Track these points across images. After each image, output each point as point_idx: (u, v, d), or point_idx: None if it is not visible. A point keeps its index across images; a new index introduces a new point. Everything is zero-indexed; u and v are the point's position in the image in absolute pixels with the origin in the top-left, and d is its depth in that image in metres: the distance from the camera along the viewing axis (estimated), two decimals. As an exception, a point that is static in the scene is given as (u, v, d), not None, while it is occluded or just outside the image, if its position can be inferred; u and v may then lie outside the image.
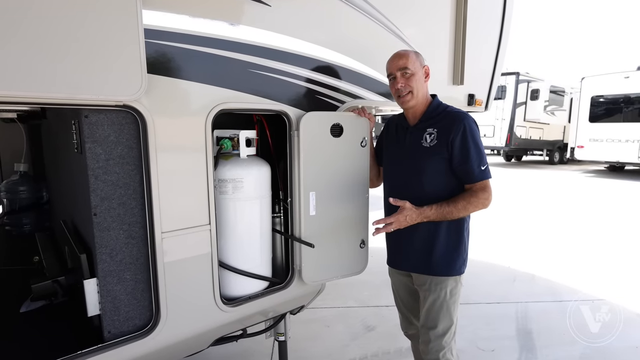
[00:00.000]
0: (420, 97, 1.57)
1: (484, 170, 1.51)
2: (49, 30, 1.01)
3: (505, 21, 2.59)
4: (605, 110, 11.19)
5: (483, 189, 1.51)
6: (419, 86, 1.56)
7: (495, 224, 5.87)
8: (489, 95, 2.66)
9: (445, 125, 1.53)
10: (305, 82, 1.66)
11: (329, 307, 3.08)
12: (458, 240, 1.59)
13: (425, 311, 1.61)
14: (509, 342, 2.66)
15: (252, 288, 1.67)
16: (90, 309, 1.31)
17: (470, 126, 1.51)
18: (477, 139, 1.52)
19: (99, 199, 1.24)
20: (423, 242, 1.59)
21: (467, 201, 1.50)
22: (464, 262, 1.62)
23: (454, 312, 1.59)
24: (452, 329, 1.59)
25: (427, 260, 1.59)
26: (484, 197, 1.51)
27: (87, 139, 1.20)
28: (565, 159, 14.62)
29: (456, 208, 1.50)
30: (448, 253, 1.58)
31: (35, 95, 1.04)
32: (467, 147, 1.50)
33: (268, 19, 1.51)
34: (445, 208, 1.50)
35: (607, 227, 5.72)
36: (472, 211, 1.53)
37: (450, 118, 1.54)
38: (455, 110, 1.59)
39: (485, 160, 1.53)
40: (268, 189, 1.69)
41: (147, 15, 1.20)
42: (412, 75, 1.54)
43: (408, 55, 1.55)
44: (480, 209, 1.53)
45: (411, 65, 1.53)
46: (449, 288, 1.58)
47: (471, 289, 3.47)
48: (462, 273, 1.61)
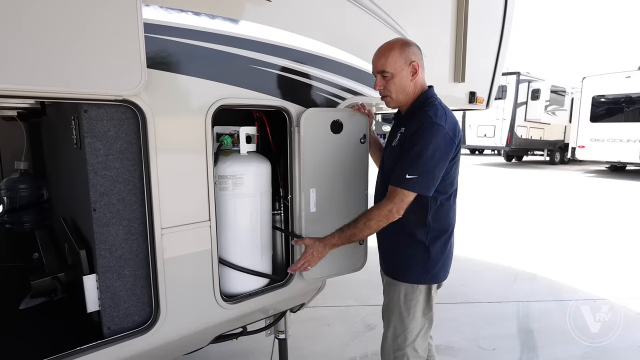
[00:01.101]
0: (402, 98, 1.49)
1: (407, 179, 1.35)
2: (48, 24, 1.01)
3: (506, 18, 2.58)
4: (607, 110, 11.16)
5: (391, 197, 1.38)
6: (399, 89, 1.46)
7: (496, 224, 5.86)
8: (490, 93, 2.66)
9: (412, 125, 1.43)
10: (306, 78, 1.65)
11: (329, 306, 3.07)
12: (418, 249, 1.50)
13: (382, 311, 1.65)
14: (510, 341, 2.65)
15: (252, 285, 1.66)
16: (90, 305, 1.31)
17: (429, 130, 1.35)
18: (427, 147, 1.34)
19: (99, 194, 1.24)
20: (386, 245, 1.63)
21: (367, 218, 1.42)
22: (426, 273, 1.50)
23: (408, 319, 1.51)
24: (406, 335, 1.52)
25: (387, 261, 1.64)
26: (387, 208, 1.38)
27: (87, 134, 1.20)
28: (566, 159, 14.58)
29: (357, 228, 1.43)
30: (406, 259, 1.53)
31: (34, 89, 1.03)
32: (408, 148, 1.38)
33: (268, 14, 1.50)
34: (346, 232, 1.45)
35: (609, 227, 5.71)
36: (376, 227, 1.42)
37: (419, 117, 1.42)
38: (432, 112, 1.40)
39: (420, 172, 1.34)
40: (268, 186, 1.69)
41: (146, 10, 1.19)
42: (391, 78, 1.44)
43: (389, 54, 1.43)
44: (385, 224, 1.41)
45: (390, 66, 1.43)
46: (402, 292, 1.52)
47: (472, 288, 3.47)
48: (423, 284, 1.51)
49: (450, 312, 2.97)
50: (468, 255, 4.24)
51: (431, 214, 1.48)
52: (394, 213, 1.39)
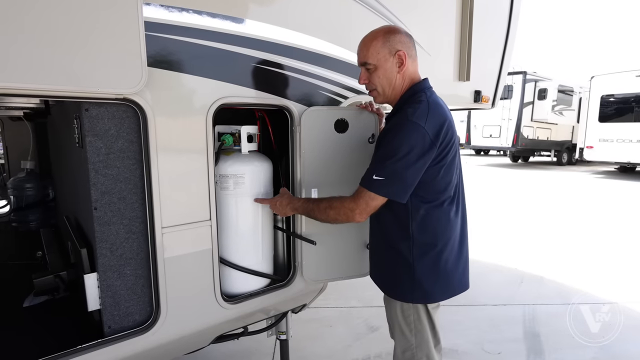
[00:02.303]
0: (389, 92, 1.36)
1: (374, 181, 1.25)
2: (49, 22, 1.01)
3: (512, 16, 2.55)
4: (616, 110, 11.00)
5: (355, 197, 1.29)
6: (384, 82, 1.34)
7: (502, 225, 5.79)
8: (496, 92, 2.62)
9: (390, 123, 1.35)
10: (307, 76, 1.64)
11: (331, 307, 3.06)
12: (404, 266, 1.36)
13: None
14: (516, 345, 2.61)
15: (253, 285, 1.65)
16: (91, 304, 1.31)
17: (403, 130, 1.23)
18: (399, 148, 1.22)
19: (100, 193, 1.24)
20: (375, 256, 1.53)
21: (329, 204, 1.34)
22: (413, 291, 1.36)
23: (411, 335, 1.42)
24: (412, 351, 1.43)
25: (376, 273, 1.53)
26: (349, 206, 1.29)
27: (88, 133, 1.20)
28: (573, 159, 14.42)
29: (318, 208, 1.37)
30: (392, 275, 1.42)
31: (36, 87, 1.03)
32: (379, 147, 1.30)
33: (270, 12, 1.49)
34: (309, 205, 1.41)
35: (618, 229, 5.61)
36: (333, 217, 1.33)
37: (398, 115, 1.31)
38: (410, 110, 1.25)
39: (388, 174, 1.24)
40: (270, 186, 1.67)
41: (147, 8, 1.19)
42: (375, 70, 1.33)
43: (370, 43, 1.31)
44: (343, 220, 1.32)
45: (372, 57, 1.31)
46: (398, 309, 1.43)
47: (477, 291, 3.42)
48: (414, 302, 1.38)
49: (454, 314, 2.94)
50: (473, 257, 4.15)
51: (414, 225, 1.32)
52: (355, 215, 1.29)
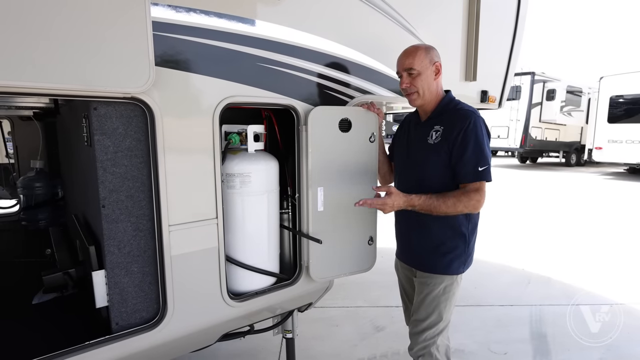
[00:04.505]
0: (427, 96, 1.56)
1: (480, 172, 1.46)
2: (59, 23, 1.02)
3: (519, 17, 2.53)
4: (625, 111, 10.84)
5: (476, 190, 1.46)
6: (425, 86, 1.53)
7: (510, 226, 5.74)
8: (503, 92, 2.60)
9: (452, 122, 1.51)
10: (314, 76, 1.64)
11: (337, 307, 3.05)
12: (460, 240, 1.57)
13: (416, 304, 1.64)
14: (523, 346, 2.58)
15: (260, 283, 1.66)
16: (99, 301, 1.32)
17: (475, 124, 1.46)
18: (481, 137, 1.46)
19: (107, 191, 1.25)
20: (426, 241, 1.60)
21: (457, 199, 1.46)
22: (463, 263, 1.59)
23: (444, 310, 1.58)
24: (439, 326, 1.59)
25: (429, 258, 1.61)
26: (475, 198, 1.46)
27: (96, 131, 1.21)
28: (582, 160, 14.23)
29: (445, 204, 1.46)
30: (449, 252, 1.57)
31: (45, 86, 1.05)
32: (465, 144, 1.46)
33: (278, 13, 1.50)
34: (433, 201, 1.46)
35: (626, 230, 5.54)
36: (461, 210, 1.48)
37: (457, 115, 1.51)
38: (466, 107, 1.55)
39: (486, 162, 1.46)
40: (276, 184, 1.68)
41: (155, 9, 1.20)
42: (418, 75, 1.52)
43: (416, 53, 1.52)
44: (470, 211, 1.49)
45: (417, 64, 1.51)
46: (443, 285, 1.58)
47: (484, 291, 3.40)
48: (461, 273, 1.60)
49: (461, 314, 2.92)
50: (481, 258, 4.15)
51: None
52: (480, 206, 1.47)
